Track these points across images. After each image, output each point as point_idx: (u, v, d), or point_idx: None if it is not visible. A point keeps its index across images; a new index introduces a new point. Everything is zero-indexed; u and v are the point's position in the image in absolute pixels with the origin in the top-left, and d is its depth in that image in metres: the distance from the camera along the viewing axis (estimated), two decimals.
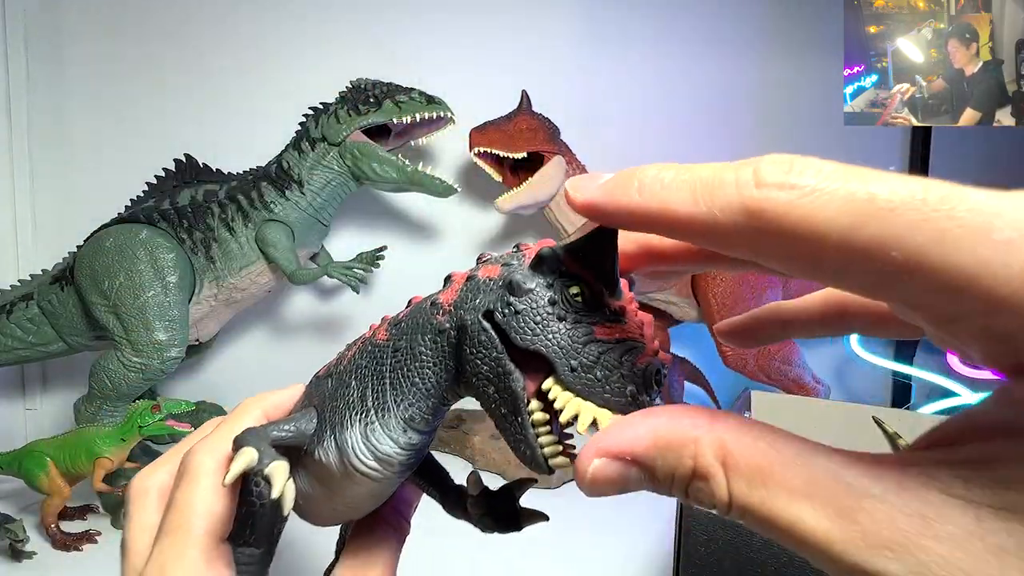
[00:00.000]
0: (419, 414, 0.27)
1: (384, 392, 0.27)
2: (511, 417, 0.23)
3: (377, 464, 0.27)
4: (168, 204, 0.88)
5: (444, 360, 0.27)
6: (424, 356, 0.27)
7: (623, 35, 1.18)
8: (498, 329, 0.23)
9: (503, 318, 0.23)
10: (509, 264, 0.27)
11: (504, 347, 0.23)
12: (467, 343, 0.25)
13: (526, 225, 1.18)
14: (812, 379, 0.95)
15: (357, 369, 0.29)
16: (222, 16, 1.08)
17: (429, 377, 0.27)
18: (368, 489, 0.28)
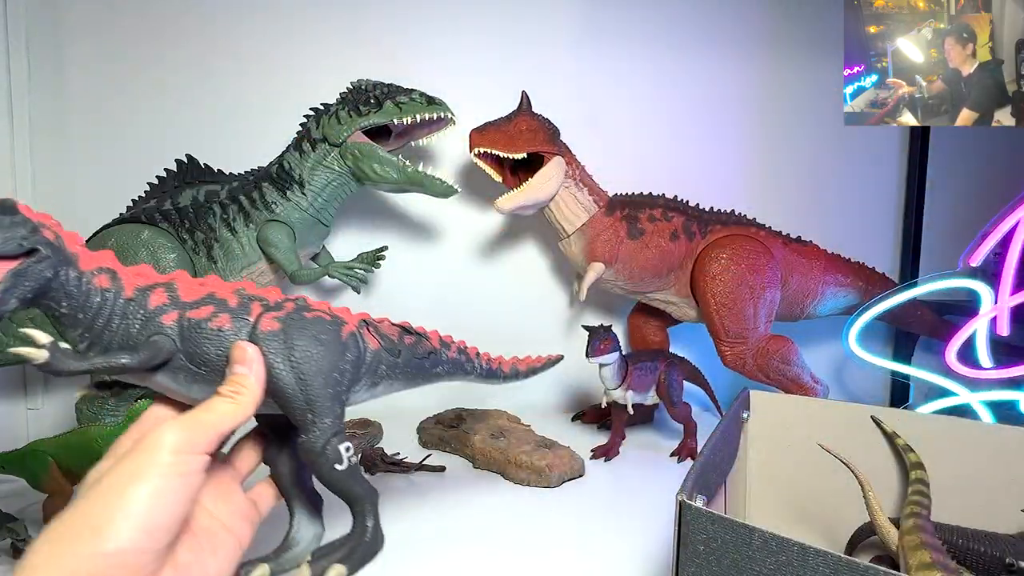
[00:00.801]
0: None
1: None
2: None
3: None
4: (170, 204, 0.88)
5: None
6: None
7: (622, 35, 1.19)
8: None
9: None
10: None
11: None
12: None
13: (526, 225, 1.19)
14: (811, 379, 0.95)
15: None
16: (223, 18, 1.09)
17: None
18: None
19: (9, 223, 0.32)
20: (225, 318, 0.38)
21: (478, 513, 0.75)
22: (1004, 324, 0.84)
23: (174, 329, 0.37)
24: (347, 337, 0.42)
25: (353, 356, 0.42)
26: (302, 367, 0.39)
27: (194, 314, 0.38)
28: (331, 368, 0.40)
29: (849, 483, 0.59)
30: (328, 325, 0.41)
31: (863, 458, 0.62)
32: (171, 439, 0.32)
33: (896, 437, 0.63)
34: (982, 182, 1.25)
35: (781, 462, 0.67)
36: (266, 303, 0.40)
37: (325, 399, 0.39)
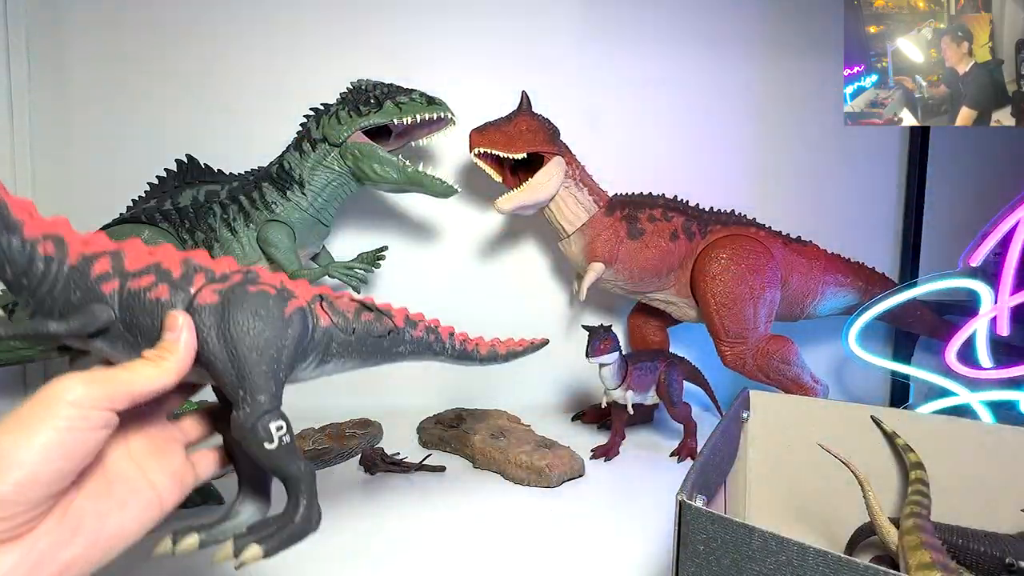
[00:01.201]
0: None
1: None
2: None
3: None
4: (170, 204, 0.88)
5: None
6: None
7: (623, 35, 1.19)
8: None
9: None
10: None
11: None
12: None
13: (526, 225, 1.19)
14: (811, 378, 0.95)
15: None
16: (224, 18, 1.09)
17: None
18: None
19: None
20: (164, 288, 0.37)
21: (478, 513, 0.75)
22: (1004, 324, 0.84)
23: (113, 298, 0.37)
24: (292, 313, 0.40)
25: (296, 333, 0.40)
26: (236, 342, 0.38)
27: (134, 284, 0.37)
28: (267, 345, 0.38)
29: (849, 483, 0.59)
30: (270, 300, 0.40)
31: (863, 458, 0.62)
32: (72, 391, 0.30)
33: (896, 437, 0.63)
34: (982, 182, 1.25)
35: (781, 462, 0.67)
36: (211, 274, 0.39)
37: (259, 376, 0.38)
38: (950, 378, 0.88)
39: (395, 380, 1.18)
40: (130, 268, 0.38)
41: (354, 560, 0.64)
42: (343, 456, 0.91)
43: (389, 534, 0.70)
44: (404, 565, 0.64)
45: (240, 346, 0.37)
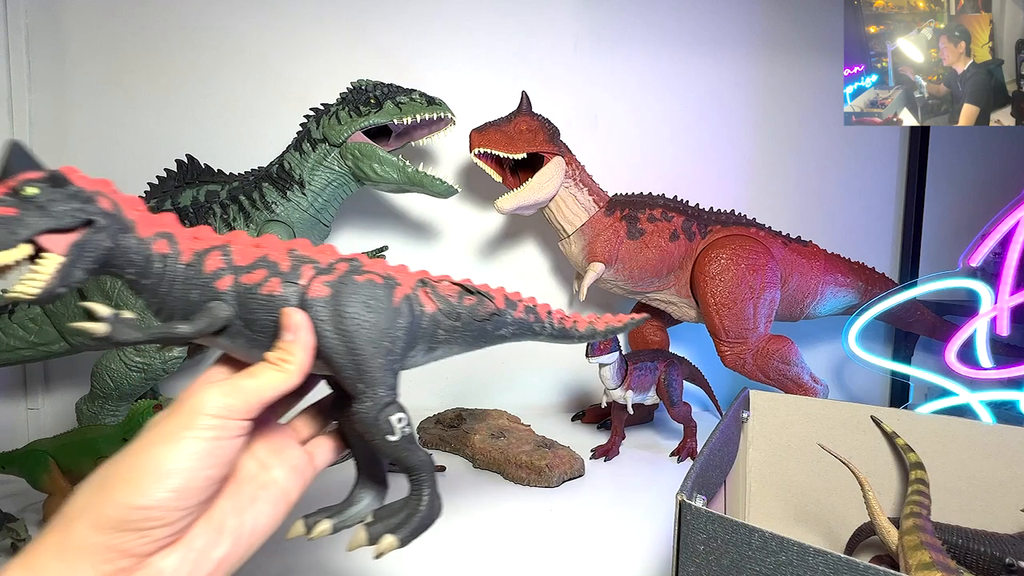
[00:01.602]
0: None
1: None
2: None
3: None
4: (170, 204, 0.88)
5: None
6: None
7: (622, 35, 1.19)
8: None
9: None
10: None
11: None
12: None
13: (526, 225, 1.19)
14: (810, 378, 0.95)
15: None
16: (224, 17, 1.09)
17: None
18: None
19: (63, 196, 0.33)
20: (275, 282, 0.37)
21: (478, 513, 0.75)
22: (1004, 324, 0.84)
23: (230, 294, 0.37)
24: (400, 301, 0.40)
25: (406, 322, 0.40)
26: (351, 335, 0.37)
27: (247, 279, 0.37)
28: (382, 336, 0.38)
29: (849, 483, 0.59)
30: (379, 289, 0.39)
31: (863, 458, 0.63)
32: (212, 403, 0.32)
33: (896, 437, 0.63)
34: (982, 182, 1.25)
35: (781, 462, 0.67)
36: (318, 265, 0.39)
37: (376, 369, 0.38)
38: (950, 378, 0.88)
39: None
40: (240, 263, 0.37)
41: (354, 560, 0.64)
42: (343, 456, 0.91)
43: None
44: (404, 565, 0.64)
45: (356, 339, 0.37)
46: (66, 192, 0.33)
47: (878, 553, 0.59)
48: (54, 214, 0.32)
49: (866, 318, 0.92)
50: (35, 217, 0.32)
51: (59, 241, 0.32)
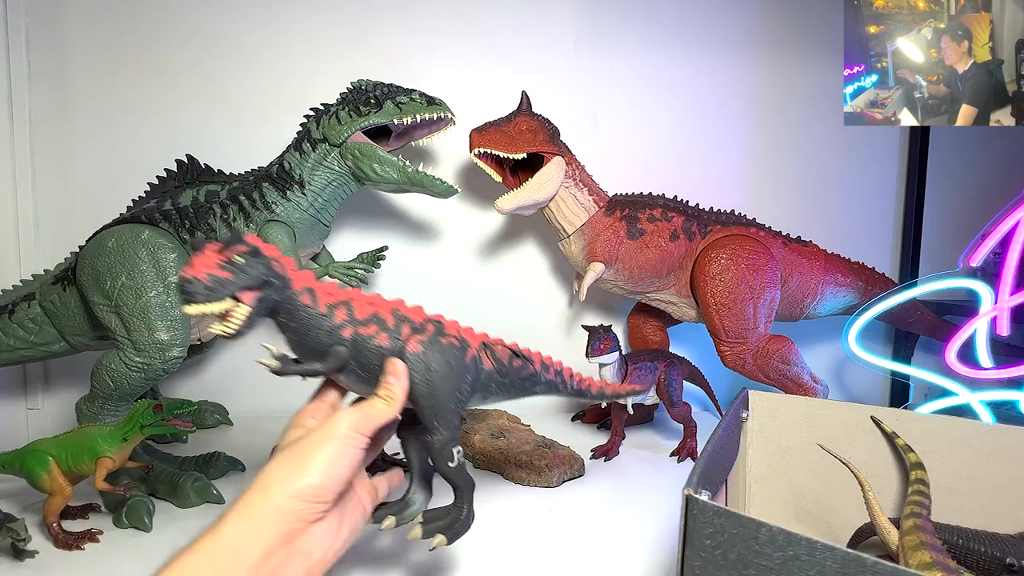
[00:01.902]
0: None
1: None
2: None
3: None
4: (170, 204, 0.88)
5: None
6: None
7: (622, 35, 1.19)
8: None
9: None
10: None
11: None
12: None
13: (526, 225, 1.19)
14: (810, 378, 0.95)
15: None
16: (224, 17, 1.09)
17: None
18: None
19: (256, 263, 0.45)
20: (384, 337, 0.50)
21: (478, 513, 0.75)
22: (1004, 324, 0.84)
23: (349, 342, 0.49)
24: (469, 361, 0.53)
25: (472, 377, 0.53)
26: (435, 384, 0.50)
27: (363, 331, 0.49)
28: (455, 388, 0.51)
29: (849, 483, 0.59)
30: (457, 351, 0.52)
31: (863, 458, 0.62)
32: (348, 420, 0.46)
33: (896, 437, 0.63)
34: (982, 182, 1.25)
35: (781, 462, 0.67)
36: (414, 325, 0.51)
37: (448, 413, 0.51)
38: (950, 378, 0.87)
39: None
40: (359, 317, 0.50)
41: (354, 560, 0.64)
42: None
43: (389, 534, 0.70)
44: (404, 565, 0.64)
45: (438, 390, 0.50)
46: (258, 260, 0.46)
47: (879, 553, 0.58)
48: (250, 276, 0.45)
49: (866, 318, 0.92)
50: (239, 278, 0.44)
51: (249, 296, 0.45)
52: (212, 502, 0.77)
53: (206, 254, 0.44)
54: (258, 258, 0.46)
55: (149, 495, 0.75)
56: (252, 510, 0.41)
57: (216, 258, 0.44)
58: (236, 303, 0.44)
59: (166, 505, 0.76)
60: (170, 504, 0.76)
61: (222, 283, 0.43)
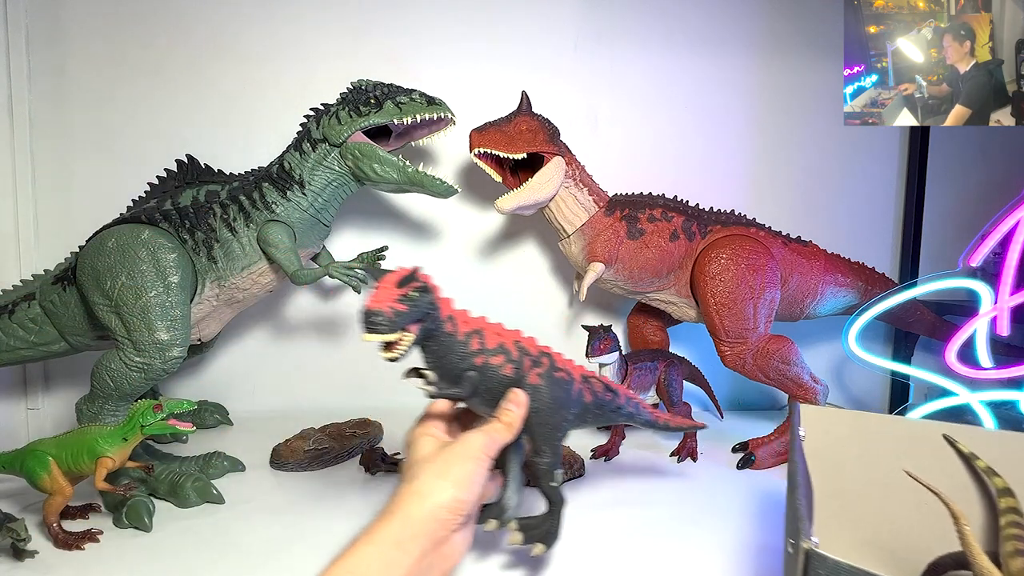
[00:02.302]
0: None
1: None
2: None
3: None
4: (170, 204, 0.88)
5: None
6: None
7: (622, 35, 1.19)
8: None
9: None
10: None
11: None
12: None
13: (526, 225, 1.19)
14: (811, 378, 0.95)
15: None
16: (224, 17, 1.09)
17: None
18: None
19: (424, 297, 0.50)
20: (509, 367, 0.56)
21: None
22: (1004, 324, 0.84)
23: (479, 368, 0.55)
24: (575, 393, 0.60)
25: (577, 409, 0.61)
26: (548, 414, 0.57)
27: (492, 360, 0.55)
28: (563, 418, 0.58)
29: (913, 507, 0.54)
30: (567, 385, 0.59)
31: (929, 480, 0.56)
32: (480, 443, 0.51)
33: (975, 459, 0.56)
34: (982, 182, 1.25)
35: (835, 483, 0.60)
36: (532, 358, 0.58)
37: (555, 439, 0.58)
38: (950, 378, 0.87)
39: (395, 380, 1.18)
40: (489, 346, 0.55)
41: None
42: (343, 456, 0.91)
43: None
44: None
45: (550, 419, 0.57)
46: (427, 295, 0.51)
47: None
48: (419, 310, 0.50)
49: (866, 318, 0.92)
50: (411, 312, 0.49)
51: (414, 326, 0.50)
52: (212, 502, 0.77)
53: (387, 288, 0.49)
54: (427, 293, 0.51)
55: (149, 495, 0.75)
56: (412, 515, 0.45)
57: (395, 293, 0.49)
58: (404, 332, 0.49)
59: (166, 505, 0.76)
60: (170, 504, 0.77)
61: (401, 316, 0.48)
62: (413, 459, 0.51)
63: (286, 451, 0.89)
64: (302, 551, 0.66)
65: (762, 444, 0.91)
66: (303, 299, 1.16)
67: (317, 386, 1.17)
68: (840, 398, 1.27)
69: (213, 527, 0.71)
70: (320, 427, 0.96)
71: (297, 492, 0.81)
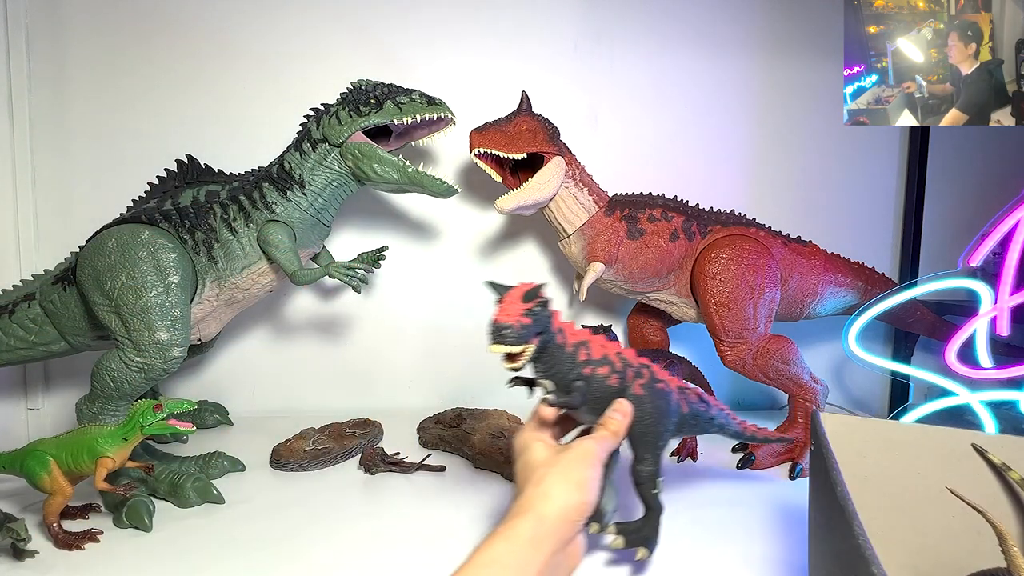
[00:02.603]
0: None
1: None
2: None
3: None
4: (170, 204, 0.88)
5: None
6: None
7: (622, 35, 1.19)
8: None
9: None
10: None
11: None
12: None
13: (526, 225, 1.19)
14: (810, 378, 0.95)
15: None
16: (224, 17, 1.09)
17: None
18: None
19: (545, 312, 0.55)
20: (615, 378, 0.59)
21: (478, 513, 0.75)
22: (1004, 324, 0.84)
23: (586, 378, 0.58)
24: (674, 404, 0.63)
25: (676, 419, 0.64)
26: (650, 423, 0.60)
27: (599, 371, 0.59)
28: (664, 427, 0.62)
29: (941, 521, 0.52)
30: (668, 396, 0.63)
31: (954, 489, 0.54)
32: (594, 448, 0.53)
33: (1008, 470, 0.54)
34: (982, 182, 1.25)
35: (857, 494, 0.54)
36: (634, 369, 0.61)
37: (656, 447, 0.61)
38: (950, 378, 0.87)
39: (395, 380, 1.19)
40: (595, 357, 0.59)
41: (355, 560, 0.64)
42: (343, 456, 0.91)
43: (389, 534, 0.70)
44: (405, 565, 0.64)
45: (652, 428, 0.60)
46: (547, 310, 0.55)
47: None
48: (540, 324, 0.54)
49: (866, 318, 0.92)
50: (535, 326, 0.53)
51: (535, 338, 0.54)
52: (212, 502, 0.77)
53: (513, 302, 0.53)
54: (547, 308, 0.55)
55: (149, 495, 0.75)
56: (544, 515, 0.47)
57: (521, 307, 0.53)
58: (527, 344, 0.53)
59: (166, 505, 0.76)
60: (170, 504, 0.77)
61: (526, 329, 0.52)
62: (531, 462, 0.53)
63: (286, 451, 0.89)
64: (302, 551, 0.66)
65: (762, 444, 0.91)
66: (303, 299, 1.16)
67: (317, 386, 1.17)
68: (840, 398, 1.27)
69: (213, 527, 0.71)
70: (320, 427, 0.96)
71: (297, 492, 0.81)
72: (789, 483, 0.86)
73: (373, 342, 1.17)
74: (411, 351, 1.18)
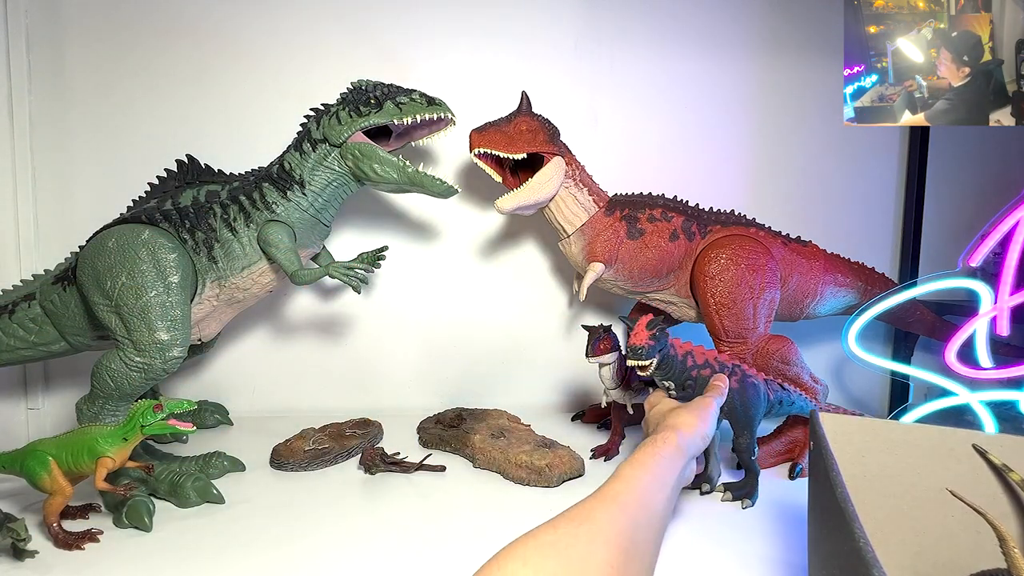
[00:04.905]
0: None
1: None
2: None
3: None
4: (170, 204, 0.88)
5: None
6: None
7: (622, 35, 1.19)
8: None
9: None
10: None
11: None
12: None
13: (526, 225, 1.19)
14: (810, 378, 0.95)
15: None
16: (224, 18, 1.09)
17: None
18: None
19: (662, 334, 0.74)
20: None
21: (478, 513, 0.75)
22: (1004, 324, 0.84)
23: (695, 379, 0.76)
24: (762, 393, 0.80)
25: (765, 404, 0.80)
26: (746, 408, 0.78)
27: (703, 372, 0.77)
28: (756, 410, 0.79)
29: (941, 522, 0.52)
30: (760, 386, 0.80)
31: (954, 490, 0.54)
32: (709, 401, 0.71)
33: (1008, 471, 0.54)
34: (982, 182, 1.25)
35: (857, 494, 0.55)
36: (728, 369, 0.79)
37: (749, 426, 0.78)
38: (950, 378, 0.87)
39: (395, 380, 1.19)
40: (698, 362, 0.78)
41: (355, 559, 0.64)
42: (343, 456, 0.91)
43: (388, 534, 0.70)
44: (405, 565, 0.64)
45: (748, 411, 0.78)
46: (664, 333, 0.74)
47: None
48: (662, 344, 0.73)
49: (866, 318, 0.92)
50: (658, 344, 0.73)
51: (658, 354, 0.73)
52: (212, 502, 0.77)
53: (642, 330, 0.72)
54: (664, 332, 0.74)
55: (149, 495, 0.75)
56: (683, 432, 0.61)
57: (647, 333, 0.72)
58: (653, 359, 0.72)
59: (166, 505, 0.76)
60: (170, 504, 0.77)
61: (652, 348, 0.72)
62: (662, 410, 0.69)
63: (286, 451, 0.89)
64: (302, 551, 0.66)
65: (761, 444, 0.91)
66: (303, 299, 1.16)
67: (317, 386, 1.17)
68: (840, 398, 1.27)
69: (213, 527, 0.71)
70: (320, 427, 0.96)
71: (297, 492, 0.81)
72: (789, 483, 0.86)
73: (373, 342, 1.17)
74: (411, 351, 1.18)
